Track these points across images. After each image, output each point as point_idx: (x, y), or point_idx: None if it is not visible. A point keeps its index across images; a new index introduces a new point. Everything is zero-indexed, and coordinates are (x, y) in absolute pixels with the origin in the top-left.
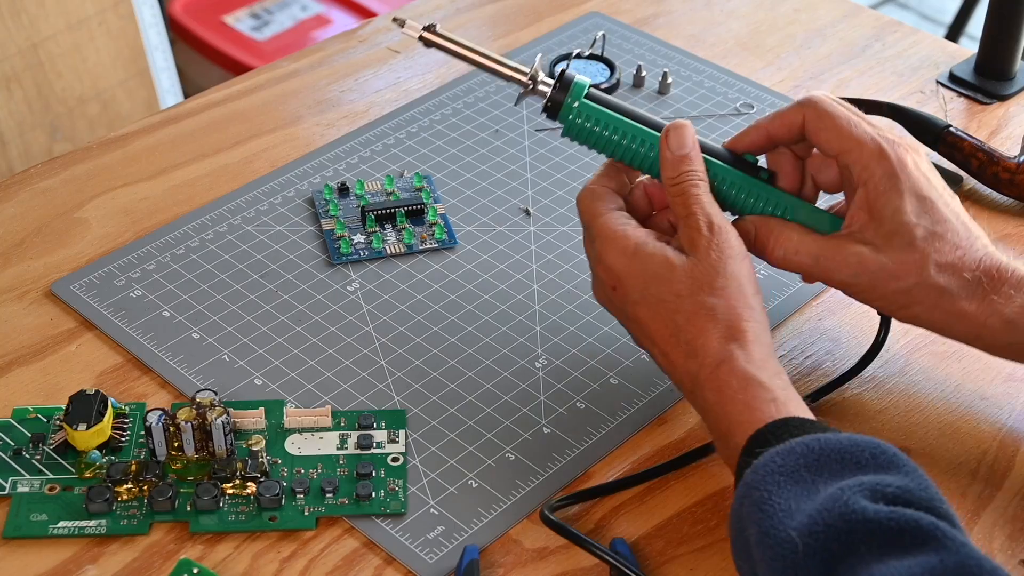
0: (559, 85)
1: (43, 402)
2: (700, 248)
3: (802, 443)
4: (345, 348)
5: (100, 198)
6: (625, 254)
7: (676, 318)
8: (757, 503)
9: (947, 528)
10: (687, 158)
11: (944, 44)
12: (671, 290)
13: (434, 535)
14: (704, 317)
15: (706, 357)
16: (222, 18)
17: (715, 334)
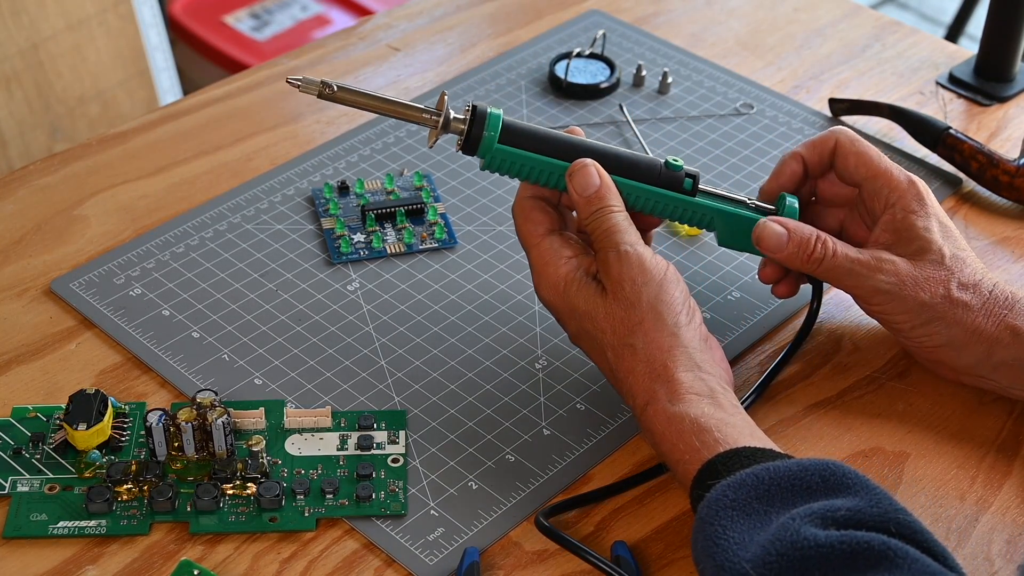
0: (472, 120)
1: (43, 401)
2: (613, 281)
3: (751, 474)
4: (345, 348)
5: (100, 195)
6: (556, 290)
7: (607, 356)
8: (711, 537)
9: (898, 546)
10: (594, 198)
11: (944, 45)
12: (598, 328)
13: (434, 537)
14: (628, 356)
15: (636, 398)
16: (222, 18)
17: (640, 373)
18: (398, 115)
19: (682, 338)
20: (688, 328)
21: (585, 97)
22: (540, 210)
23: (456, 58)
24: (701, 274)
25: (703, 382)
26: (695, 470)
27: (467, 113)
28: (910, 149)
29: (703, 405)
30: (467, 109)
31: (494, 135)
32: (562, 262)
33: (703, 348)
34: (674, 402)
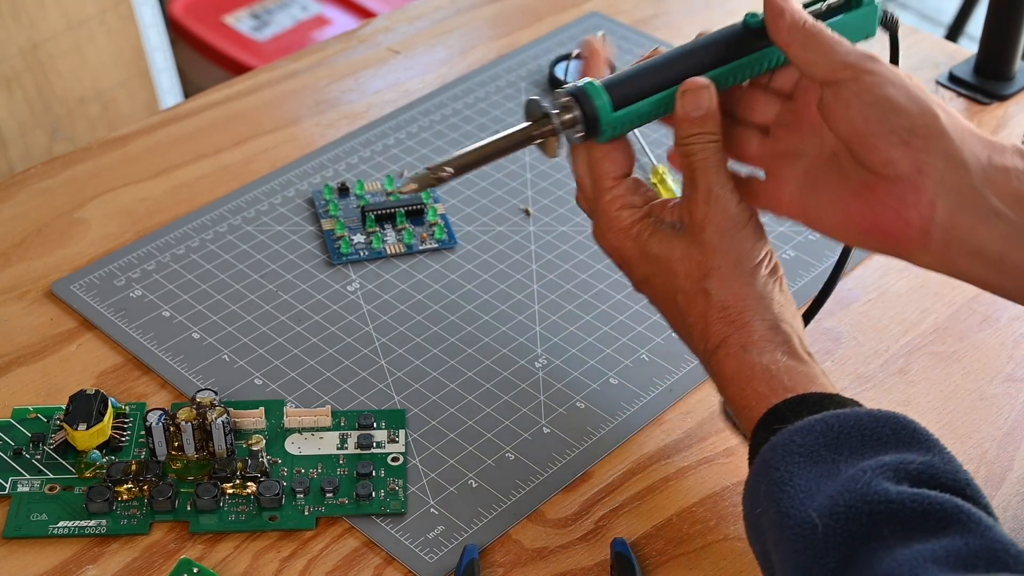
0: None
1: (43, 402)
2: (696, 224)
3: (821, 420)
4: (345, 348)
5: (100, 198)
6: (627, 234)
7: (678, 299)
8: (776, 482)
9: (971, 510)
10: (698, 120)
11: (944, 44)
12: (671, 271)
13: (434, 535)
14: (702, 301)
15: (707, 341)
16: (222, 18)
17: (713, 318)
18: (512, 148)
19: (759, 287)
20: (768, 280)
21: None
22: (615, 155)
23: (456, 60)
24: None
25: (778, 331)
26: (764, 409)
27: (569, 101)
28: None
29: (776, 353)
30: (566, 99)
31: (607, 105)
32: (636, 207)
33: (782, 301)
34: (747, 348)
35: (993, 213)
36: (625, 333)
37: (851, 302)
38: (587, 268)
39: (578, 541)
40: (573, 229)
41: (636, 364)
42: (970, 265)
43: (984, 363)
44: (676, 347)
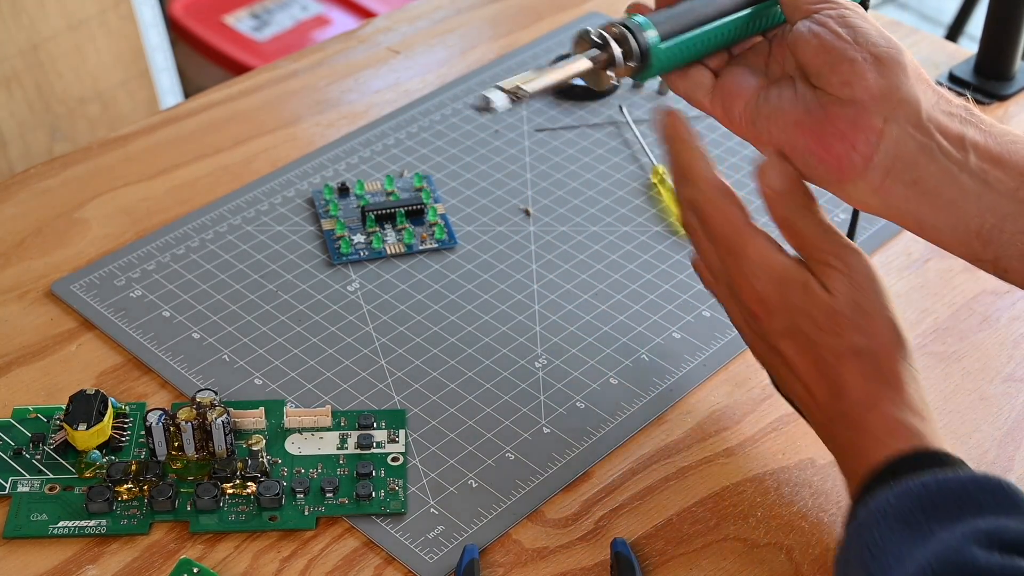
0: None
1: (43, 402)
2: (836, 283)
3: (919, 483)
4: (345, 348)
5: (100, 198)
6: (773, 281)
7: (823, 354)
8: (867, 545)
9: None
10: (788, 193)
11: (944, 44)
12: (817, 325)
13: (434, 535)
14: (852, 357)
15: (852, 398)
16: (222, 18)
17: (865, 374)
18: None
19: (907, 346)
20: (908, 337)
21: (585, 98)
22: (736, 199)
23: (456, 60)
24: None
25: (919, 393)
26: (865, 470)
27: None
28: None
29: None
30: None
31: (656, 36)
32: (777, 250)
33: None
34: (903, 409)
35: (936, 148)
36: (625, 333)
37: None
38: (587, 268)
39: (578, 541)
40: (573, 229)
41: (636, 364)
42: (905, 196)
43: (984, 363)
44: (676, 347)
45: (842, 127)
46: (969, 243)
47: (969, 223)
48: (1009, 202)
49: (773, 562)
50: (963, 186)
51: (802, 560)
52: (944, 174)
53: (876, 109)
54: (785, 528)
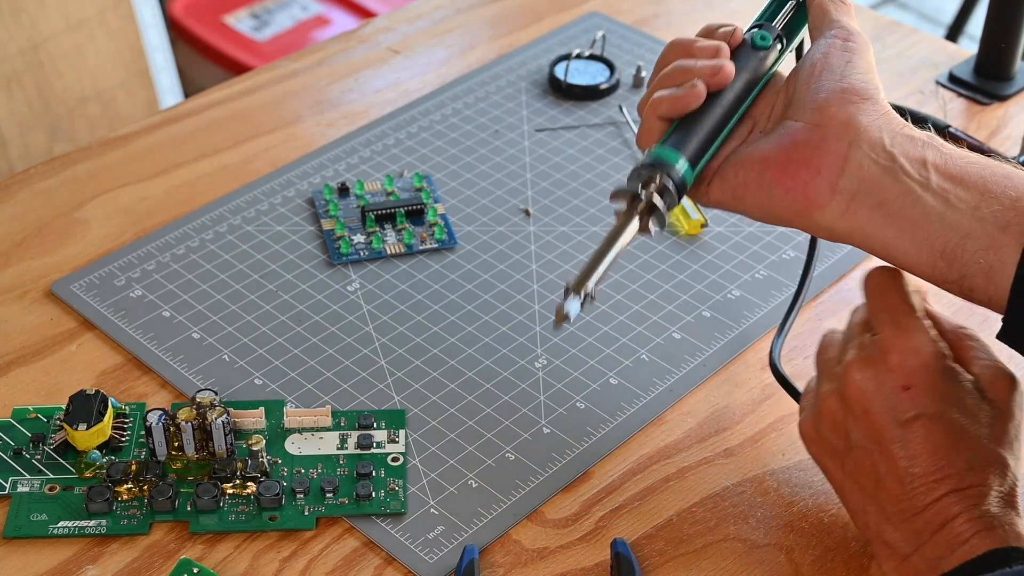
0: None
1: (43, 402)
2: (1003, 399)
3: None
4: (345, 348)
5: (100, 198)
6: (934, 369)
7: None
8: None
9: None
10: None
11: (944, 44)
12: (971, 420)
13: (434, 535)
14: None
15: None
16: (222, 18)
17: (999, 488)
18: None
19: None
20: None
21: (585, 98)
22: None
23: (456, 60)
24: (701, 273)
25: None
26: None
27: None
28: None
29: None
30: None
31: (690, 171)
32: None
33: None
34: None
35: (899, 169)
36: (625, 333)
37: (851, 302)
38: None
39: (578, 541)
40: (573, 229)
41: (636, 364)
42: (870, 219)
43: None
44: (676, 347)
45: (807, 154)
46: (934, 263)
47: (933, 243)
48: (970, 220)
49: (773, 563)
50: (926, 206)
51: (802, 561)
52: (907, 194)
53: (840, 135)
54: (785, 529)
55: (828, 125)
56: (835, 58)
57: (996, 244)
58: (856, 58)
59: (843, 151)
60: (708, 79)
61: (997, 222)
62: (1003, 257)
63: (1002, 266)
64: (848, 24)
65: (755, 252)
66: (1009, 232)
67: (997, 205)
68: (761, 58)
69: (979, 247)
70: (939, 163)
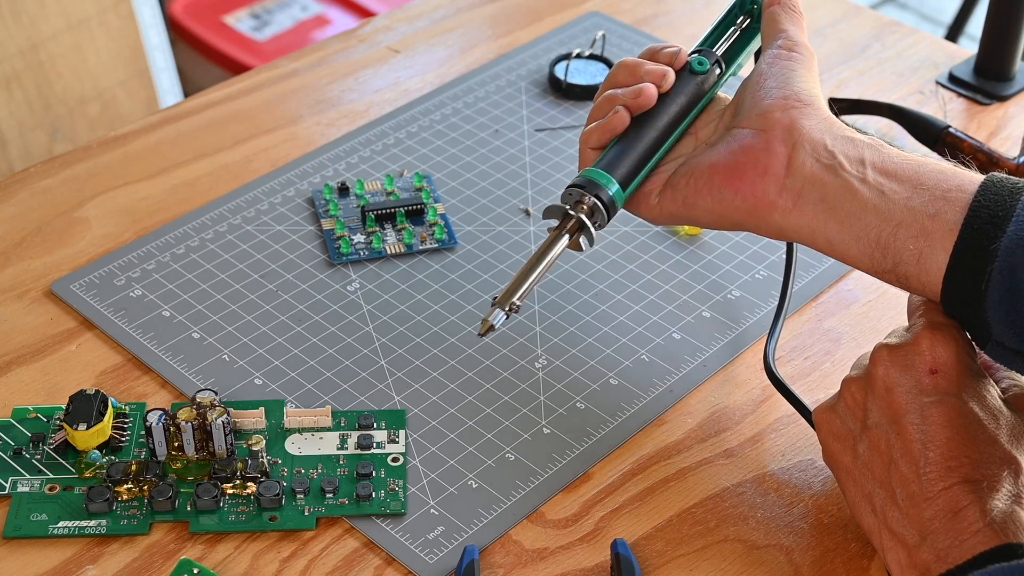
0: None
1: (43, 402)
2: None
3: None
4: (345, 348)
5: (100, 197)
6: (963, 360)
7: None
8: None
9: None
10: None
11: (944, 44)
12: (991, 419)
13: (434, 535)
14: (1006, 464)
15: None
16: (222, 18)
17: (1010, 488)
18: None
19: None
20: None
21: (585, 98)
22: None
23: (456, 60)
24: (701, 274)
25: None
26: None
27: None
28: (910, 148)
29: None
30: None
31: (619, 189)
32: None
33: None
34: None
35: (839, 166)
36: (625, 334)
37: (851, 302)
38: (587, 268)
39: (578, 542)
40: None
41: (636, 365)
42: (814, 215)
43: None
44: (676, 348)
45: (754, 157)
46: (871, 254)
47: (869, 233)
48: (903, 210)
49: (773, 563)
50: (862, 199)
51: (802, 561)
52: (846, 189)
53: (784, 138)
54: (785, 529)
55: (773, 129)
56: (779, 67)
57: (925, 231)
58: (799, 67)
59: (787, 153)
60: (631, 103)
61: (927, 210)
62: (932, 243)
63: (931, 252)
64: (795, 35)
65: (755, 252)
66: (938, 220)
67: (928, 195)
68: (699, 82)
69: (910, 235)
70: (876, 160)
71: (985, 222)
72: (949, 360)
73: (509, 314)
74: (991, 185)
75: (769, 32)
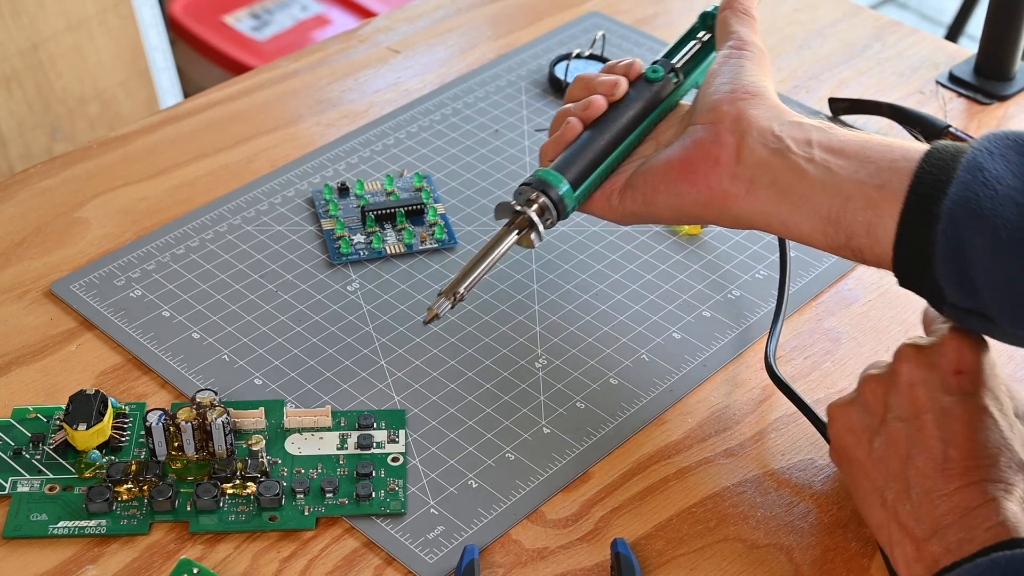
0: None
1: (43, 402)
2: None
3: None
4: (345, 348)
5: (100, 198)
6: (987, 366)
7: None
8: None
9: None
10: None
11: (944, 44)
12: (1009, 427)
13: (434, 535)
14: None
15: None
16: (222, 18)
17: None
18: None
19: None
20: None
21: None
22: None
23: (456, 60)
24: (701, 273)
25: None
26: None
27: (536, 197)
28: None
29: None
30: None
31: (569, 189)
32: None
33: None
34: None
35: (786, 149)
36: (625, 333)
37: (851, 302)
38: (587, 268)
39: (578, 541)
40: (573, 229)
41: (636, 364)
42: (768, 199)
43: None
44: (676, 347)
45: (706, 150)
46: (824, 230)
47: (820, 210)
48: (850, 184)
49: (773, 563)
50: (811, 178)
51: (802, 561)
52: (794, 170)
53: (733, 128)
54: (785, 529)
55: (722, 121)
56: (728, 65)
57: (873, 202)
58: (748, 63)
59: (737, 142)
60: (581, 115)
61: (873, 182)
62: (880, 213)
63: (880, 222)
64: (746, 35)
65: (755, 252)
66: (885, 190)
67: (874, 167)
68: (654, 90)
69: (859, 207)
70: (822, 140)
71: (929, 187)
72: (975, 363)
73: (454, 304)
74: (935, 151)
75: (722, 36)
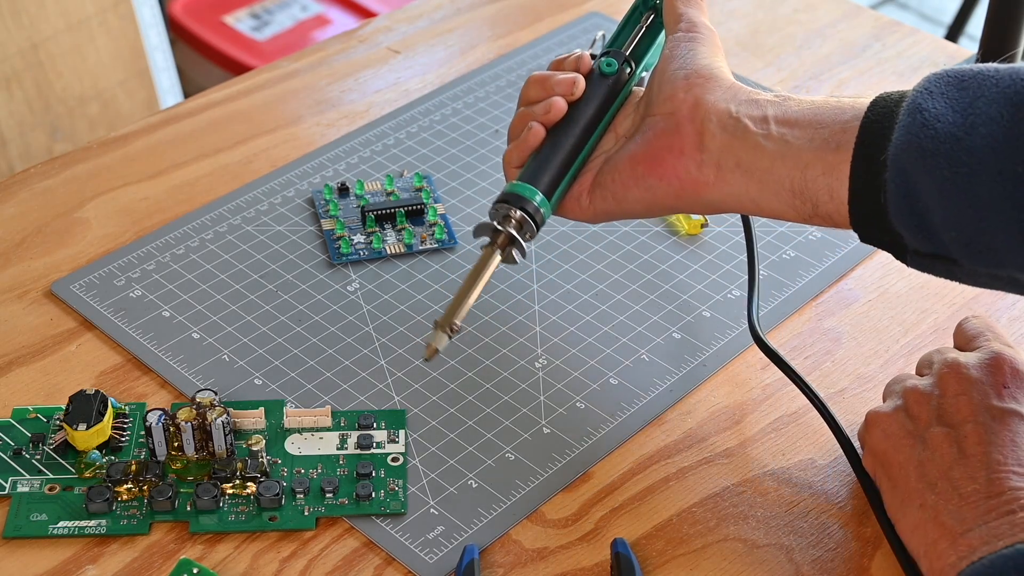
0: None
1: (43, 402)
2: None
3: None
4: (345, 348)
5: (100, 198)
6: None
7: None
8: None
9: None
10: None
11: (944, 44)
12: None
13: (434, 535)
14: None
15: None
16: (222, 18)
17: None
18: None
19: None
20: None
21: None
22: None
23: (456, 60)
24: (701, 273)
25: None
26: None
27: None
28: None
29: None
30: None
31: (544, 199)
32: None
33: None
34: None
35: (744, 129)
36: (625, 333)
37: (851, 302)
38: (587, 268)
39: (578, 541)
40: (573, 229)
41: (636, 364)
42: (736, 181)
43: None
44: (676, 347)
45: (668, 141)
46: (792, 203)
47: (784, 183)
48: (807, 152)
49: (773, 563)
50: (770, 153)
51: (802, 561)
52: (754, 148)
53: (691, 116)
54: (785, 529)
55: (680, 111)
56: (680, 50)
57: (831, 165)
58: (699, 46)
59: (697, 129)
60: (543, 119)
61: (828, 146)
62: (839, 175)
63: (839, 184)
64: (694, 17)
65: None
66: (841, 151)
67: (828, 132)
68: (611, 84)
69: (819, 173)
70: (777, 114)
71: (875, 136)
72: (1020, 378)
73: (451, 336)
74: (879, 102)
75: (670, 20)
